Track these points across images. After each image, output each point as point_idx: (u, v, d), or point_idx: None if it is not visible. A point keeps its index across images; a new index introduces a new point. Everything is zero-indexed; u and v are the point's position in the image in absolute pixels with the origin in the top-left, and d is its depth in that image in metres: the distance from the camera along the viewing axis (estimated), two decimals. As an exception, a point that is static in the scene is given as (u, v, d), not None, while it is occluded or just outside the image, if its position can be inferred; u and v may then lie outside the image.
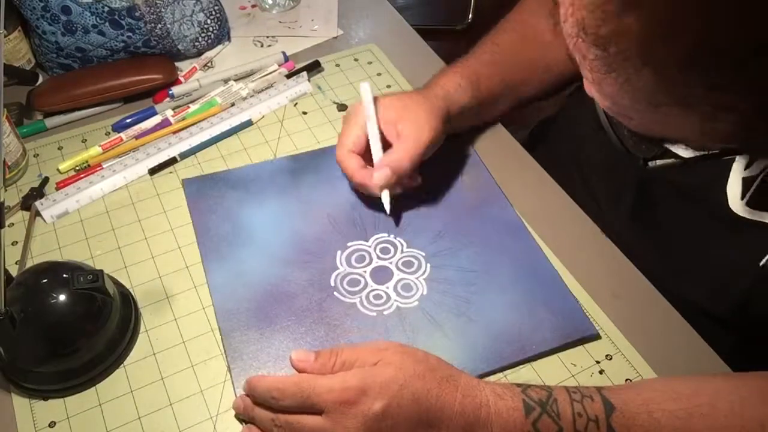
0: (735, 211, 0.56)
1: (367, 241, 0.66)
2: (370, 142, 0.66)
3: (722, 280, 0.61)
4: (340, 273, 0.64)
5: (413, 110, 0.66)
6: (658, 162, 0.54)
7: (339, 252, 0.65)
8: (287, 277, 0.63)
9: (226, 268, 0.63)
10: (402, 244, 0.66)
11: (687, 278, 0.64)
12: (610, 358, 0.59)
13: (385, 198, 0.66)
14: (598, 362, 0.58)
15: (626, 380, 0.57)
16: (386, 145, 0.66)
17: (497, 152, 0.76)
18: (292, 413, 0.49)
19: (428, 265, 0.64)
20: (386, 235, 0.67)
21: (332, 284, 0.63)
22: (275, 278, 0.63)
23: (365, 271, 0.64)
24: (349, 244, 0.66)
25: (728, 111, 0.38)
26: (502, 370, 0.57)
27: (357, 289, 0.62)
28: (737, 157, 0.56)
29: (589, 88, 0.45)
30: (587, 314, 0.61)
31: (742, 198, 0.56)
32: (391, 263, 0.64)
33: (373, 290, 0.62)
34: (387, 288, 0.63)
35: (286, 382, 0.49)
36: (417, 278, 0.63)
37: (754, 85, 0.36)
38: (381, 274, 0.64)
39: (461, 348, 0.58)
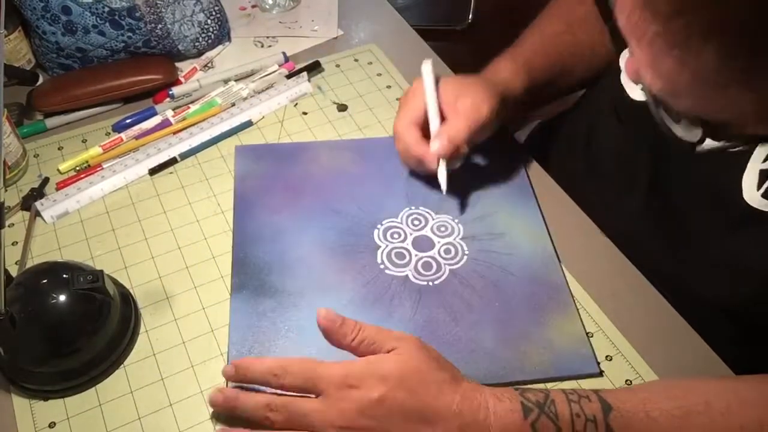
0: (749, 201, 0.56)
1: (396, 217, 0.68)
2: (429, 115, 0.66)
3: (735, 272, 0.60)
4: (384, 249, 0.65)
5: (472, 89, 0.67)
6: (706, 146, 0.53)
7: (375, 231, 0.67)
8: (332, 264, 0.64)
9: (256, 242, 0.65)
10: (430, 214, 0.69)
11: (699, 270, 0.63)
12: (610, 359, 0.59)
13: (442, 173, 0.65)
14: (597, 363, 0.58)
15: (626, 381, 0.57)
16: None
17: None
18: (289, 397, 0.49)
19: (459, 226, 0.68)
20: (412, 208, 0.70)
21: (379, 261, 0.64)
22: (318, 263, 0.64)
23: (407, 244, 0.66)
24: (383, 221, 0.68)
25: None
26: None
27: (405, 261, 0.64)
28: (756, 149, 0.55)
29: (636, 69, 0.45)
30: (593, 350, 0.59)
31: (758, 189, 0.55)
32: (425, 231, 0.67)
33: (420, 259, 0.64)
34: (433, 254, 0.65)
35: (289, 360, 0.50)
36: (454, 240, 0.66)
37: None
38: (422, 243, 0.66)
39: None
